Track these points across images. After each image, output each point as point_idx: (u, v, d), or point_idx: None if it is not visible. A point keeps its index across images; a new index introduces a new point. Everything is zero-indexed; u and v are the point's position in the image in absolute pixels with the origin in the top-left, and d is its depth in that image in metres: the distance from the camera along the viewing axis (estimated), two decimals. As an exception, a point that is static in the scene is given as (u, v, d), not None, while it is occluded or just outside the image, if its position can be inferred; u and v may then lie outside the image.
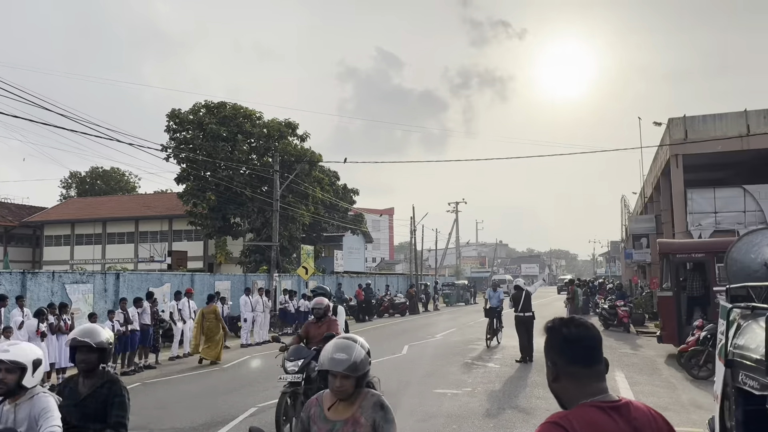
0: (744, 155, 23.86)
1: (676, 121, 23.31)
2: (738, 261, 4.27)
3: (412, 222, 48.93)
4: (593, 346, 1.97)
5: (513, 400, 10.00)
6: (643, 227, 31.11)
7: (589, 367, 1.96)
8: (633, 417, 1.93)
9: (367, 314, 29.16)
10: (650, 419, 1.97)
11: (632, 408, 1.95)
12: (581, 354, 1.96)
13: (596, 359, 1.97)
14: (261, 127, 34.12)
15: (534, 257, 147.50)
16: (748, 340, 3.46)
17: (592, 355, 1.96)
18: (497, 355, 15.58)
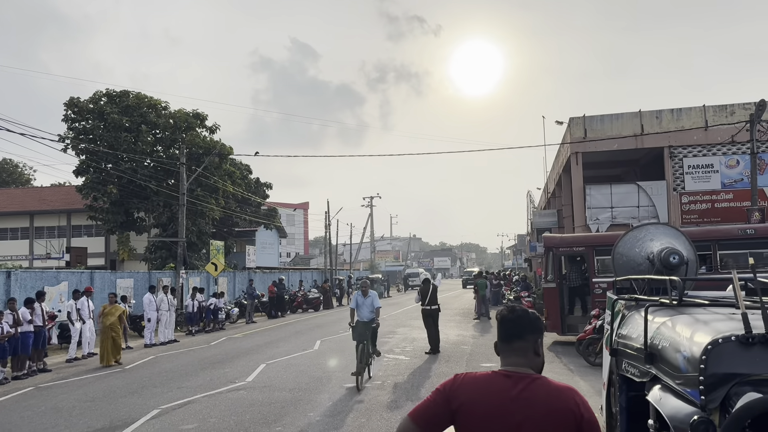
0: (638, 153, 25.49)
1: (577, 121, 24.52)
2: (624, 255, 4.53)
3: (326, 216, 48.73)
4: (513, 327, 2.37)
5: (420, 391, 10.17)
6: (546, 221, 32.57)
7: (508, 343, 2.35)
8: (529, 389, 2.23)
9: (280, 310, 28.78)
10: (555, 396, 2.23)
11: (538, 383, 2.26)
12: (503, 332, 2.37)
13: (514, 337, 2.34)
14: (167, 118, 32.78)
15: (446, 251, 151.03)
16: (631, 330, 3.68)
17: (510, 334, 2.35)
18: (408, 347, 15.81)
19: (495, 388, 2.25)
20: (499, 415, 2.21)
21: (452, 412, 2.26)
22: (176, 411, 9.06)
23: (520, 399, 2.21)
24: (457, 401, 2.26)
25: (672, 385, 2.88)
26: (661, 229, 4.63)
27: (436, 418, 2.28)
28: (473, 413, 2.24)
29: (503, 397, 2.23)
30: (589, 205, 24.09)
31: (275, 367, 12.84)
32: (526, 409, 2.20)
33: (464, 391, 2.28)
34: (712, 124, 23.17)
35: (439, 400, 2.30)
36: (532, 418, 2.18)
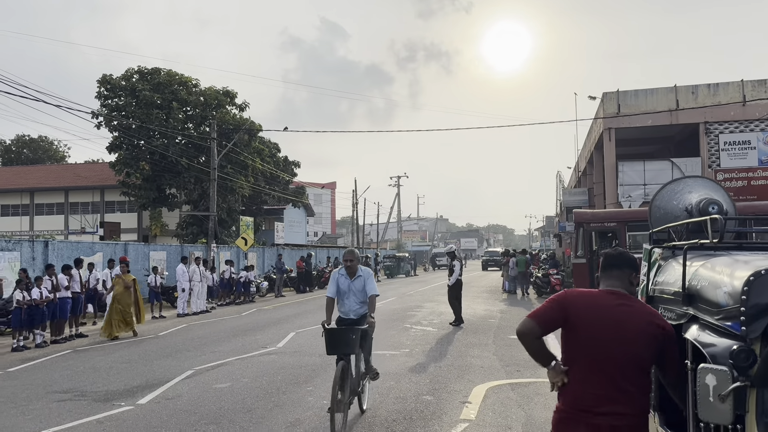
0: (672, 129, 24.94)
1: (610, 96, 24.06)
2: (661, 208, 4.46)
3: (354, 195, 48.89)
4: (615, 259, 3.12)
5: (448, 358, 10.24)
6: (576, 200, 32.16)
7: (610, 271, 3.09)
8: (630, 303, 2.95)
9: (308, 285, 29.09)
10: (647, 311, 2.97)
11: (636, 301, 3.03)
12: (607, 263, 3.12)
13: (615, 267, 3.09)
14: (197, 95, 33.09)
15: (473, 232, 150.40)
16: (668, 276, 3.63)
17: (613, 264, 3.10)
18: (435, 320, 15.88)
19: (601, 300, 2.95)
20: (606, 319, 2.86)
21: (566, 316, 2.91)
22: (210, 372, 9.29)
23: (622, 309, 2.89)
24: (572, 308, 2.92)
25: (711, 321, 2.85)
26: (700, 181, 4.55)
27: (553, 321, 2.95)
28: (584, 317, 2.89)
29: (608, 306, 2.91)
30: (621, 182, 23.71)
31: (304, 335, 13.04)
32: (627, 317, 2.86)
33: (577, 300, 2.96)
34: (750, 99, 22.51)
35: (555, 306, 2.96)
36: (631, 324, 2.84)
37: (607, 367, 2.84)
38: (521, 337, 3.00)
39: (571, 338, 2.95)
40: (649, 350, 2.87)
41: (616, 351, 2.83)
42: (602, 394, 2.82)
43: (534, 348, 3.00)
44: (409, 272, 47.49)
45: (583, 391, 2.86)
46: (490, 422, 6.62)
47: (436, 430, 6.33)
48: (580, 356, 2.91)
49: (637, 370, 2.87)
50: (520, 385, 8.25)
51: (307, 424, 6.50)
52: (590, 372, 2.86)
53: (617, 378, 2.83)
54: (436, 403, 7.38)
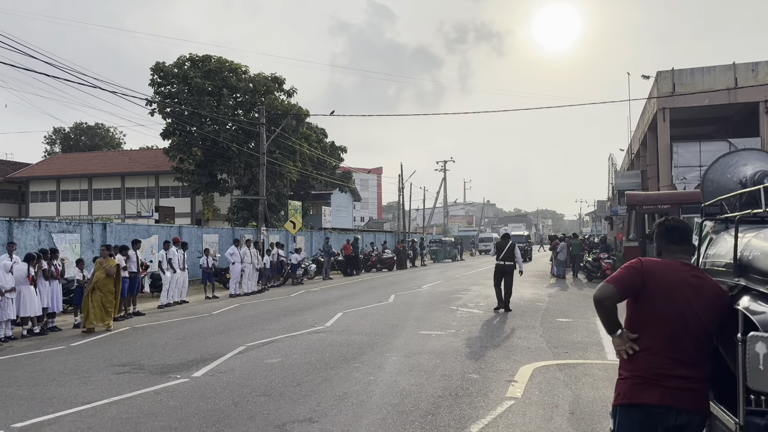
0: (730, 109, 23.99)
1: (665, 74, 23.28)
2: (714, 182, 4.36)
3: (400, 179, 48.93)
4: (686, 233, 3.16)
5: (495, 339, 10.23)
6: (629, 182, 31.35)
7: (680, 245, 3.14)
8: (701, 275, 3.06)
9: (355, 268, 29.40)
10: (715, 284, 3.06)
11: (704, 271, 3.16)
12: (678, 237, 3.13)
13: (684, 241, 3.15)
14: (247, 82, 33.65)
15: (521, 217, 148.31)
16: (719, 248, 3.57)
17: (683, 238, 3.14)
18: (482, 302, 15.85)
19: (677, 269, 3.03)
20: (682, 288, 2.95)
21: (644, 283, 2.98)
22: (261, 348, 9.57)
23: (696, 278, 3.01)
24: (649, 275, 2.99)
25: (762, 290, 2.80)
26: (755, 154, 4.41)
27: (632, 286, 2.99)
28: (662, 284, 2.97)
29: (684, 274, 3.01)
30: (675, 164, 22.99)
31: (352, 315, 13.24)
32: (700, 287, 2.97)
33: (654, 268, 3.03)
34: (817, 75, 21.41)
35: (634, 272, 3.02)
36: (705, 294, 2.96)
37: (681, 333, 2.94)
38: (600, 301, 3.02)
39: (645, 305, 3.01)
40: (718, 320, 2.99)
41: (690, 319, 2.94)
42: (677, 359, 2.93)
43: (609, 313, 3.04)
44: (455, 257, 47.37)
45: (656, 356, 2.95)
46: (536, 400, 6.62)
47: (482, 406, 6.37)
48: (653, 323, 2.98)
49: (706, 338, 3.01)
50: (568, 366, 8.19)
51: (354, 398, 6.64)
52: (664, 338, 2.95)
53: (690, 345, 2.94)
54: (481, 382, 7.41)
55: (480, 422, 5.83)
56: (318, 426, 5.71)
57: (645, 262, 3.06)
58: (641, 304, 3.01)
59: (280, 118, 31.36)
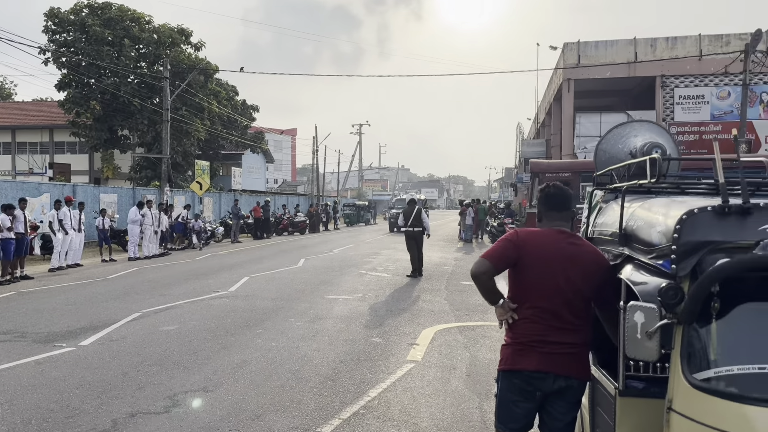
0: (630, 82, 25.14)
1: (571, 46, 23.99)
2: (606, 152, 4.45)
3: (314, 142, 48.25)
4: (563, 199, 3.20)
5: (400, 303, 10.33)
6: (534, 151, 32.43)
7: (558, 212, 3.19)
8: (577, 242, 3.11)
9: (265, 231, 28.86)
10: (592, 250, 3.13)
11: (581, 239, 3.21)
12: (555, 203, 3.18)
13: (563, 207, 3.19)
14: (150, 33, 31.66)
15: (434, 182, 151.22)
16: (607, 218, 3.64)
17: (560, 204, 3.19)
18: (391, 266, 15.98)
19: (553, 238, 3.08)
20: (556, 256, 3.01)
21: (519, 255, 3.03)
22: (157, 314, 9.15)
23: (572, 245, 3.06)
24: (525, 246, 3.04)
25: (644, 260, 2.86)
26: (646, 125, 4.54)
27: (507, 259, 3.05)
28: (536, 255, 3.02)
29: (560, 243, 3.05)
30: (577, 134, 23.94)
31: (258, 280, 12.96)
32: (575, 254, 3.03)
33: (528, 239, 3.08)
34: (707, 53, 22.76)
35: (509, 245, 3.06)
36: (579, 260, 3.02)
37: (558, 301, 3.00)
38: (476, 276, 3.08)
39: (523, 275, 3.08)
40: (594, 285, 3.05)
41: (566, 287, 3.00)
42: (552, 326, 3.00)
43: (487, 287, 3.10)
44: (369, 221, 47.61)
45: (534, 324, 3.03)
46: (435, 363, 6.73)
47: (383, 370, 6.39)
48: (531, 292, 3.05)
49: (585, 305, 3.08)
50: (468, 328, 8.40)
51: (253, 365, 6.48)
52: (540, 306, 3.02)
53: (567, 312, 3.01)
54: (384, 345, 7.45)
55: (379, 386, 5.85)
56: (212, 395, 5.52)
57: (521, 234, 3.14)
58: (519, 275, 3.08)
59: (187, 72, 29.83)
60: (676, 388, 2.41)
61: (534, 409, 3.14)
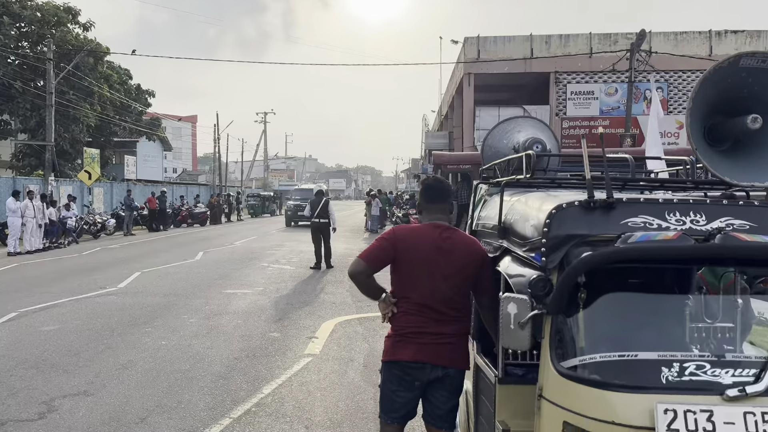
0: (527, 78, 26.14)
1: (471, 41, 24.61)
2: (492, 146, 4.58)
3: (215, 129, 46.78)
4: (439, 192, 3.30)
5: (302, 296, 10.23)
6: (438, 143, 33.06)
7: (434, 204, 3.27)
8: (453, 235, 3.16)
9: (162, 223, 27.63)
10: (467, 241, 3.22)
11: (456, 231, 3.24)
12: (432, 196, 3.28)
13: (439, 199, 3.27)
14: (33, 10, 29.32)
15: (342, 172, 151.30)
16: (490, 211, 3.73)
17: (437, 197, 3.28)
18: (294, 258, 15.80)
19: (428, 234, 3.15)
20: (432, 251, 3.08)
21: (395, 253, 3.10)
22: (37, 314, 8.53)
23: (447, 240, 3.12)
24: (400, 244, 3.12)
25: (519, 253, 2.95)
26: (529, 121, 4.71)
27: (383, 258, 3.12)
28: (412, 251, 3.10)
29: (435, 238, 3.12)
30: (477, 127, 24.63)
31: (151, 275, 12.38)
32: (451, 247, 3.10)
33: (404, 236, 3.17)
34: (597, 51, 24.06)
35: (386, 244, 3.14)
36: (455, 254, 3.10)
37: (434, 294, 3.10)
38: (353, 276, 3.16)
39: (401, 272, 3.16)
40: (470, 277, 3.16)
41: (441, 280, 3.09)
42: (430, 318, 3.10)
43: (365, 286, 3.19)
44: (274, 211, 46.82)
45: (412, 316, 3.12)
46: (333, 356, 6.71)
47: (279, 366, 6.29)
48: (409, 287, 3.14)
49: (461, 296, 3.18)
50: (368, 320, 8.43)
51: (140, 365, 6.17)
52: (419, 299, 3.11)
53: (443, 305, 3.11)
54: (282, 340, 7.34)
55: (274, 382, 5.74)
56: (93, 399, 5.21)
57: (397, 232, 3.23)
58: (398, 271, 3.17)
59: (74, 54, 27.91)
60: (546, 376, 2.50)
61: (415, 398, 3.22)
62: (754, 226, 2.46)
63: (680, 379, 2.27)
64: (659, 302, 2.69)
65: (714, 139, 2.93)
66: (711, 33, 24.18)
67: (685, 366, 2.29)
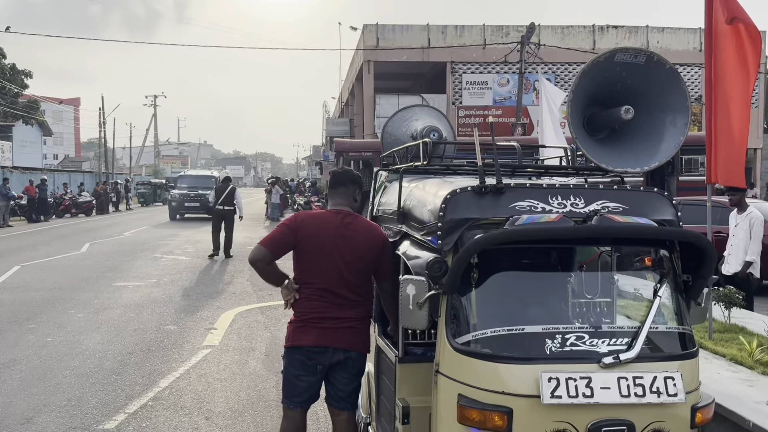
0: (424, 67, 26.70)
1: (370, 28, 24.76)
2: (391, 134, 4.68)
3: (101, 113, 44.15)
4: (340, 177, 3.36)
5: (199, 287, 9.96)
6: (339, 130, 33.11)
7: (336, 189, 3.32)
8: (353, 221, 3.23)
9: (43, 214, 25.75)
10: (368, 227, 3.31)
11: (358, 218, 3.29)
12: (333, 182, 3.34)
13: (340, 185, 3.32)
14: None
15: (240, 159, 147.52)
16: (389, 197, 3.83)
17: (338, 182, 3.33)
18: (190, 248, 15.30)
19: (329, 221, 3.22)
20: (333, 237, 3.14)
21: (296, 239, 3.15)
22: None
23: (347, 227, 3.18)
24: (302, 231, 3.16)
25: (417, 237, 3.06)
26: (426, 110, 4.86)
27: (284, 245, 3.16)
28: (313, 237, 3.15)
29: (337, 224, 3.18)
30: (377, 114, 24.88)
31: (32, 269, 11.54)
32: (352, 233, 3.16)
33: (306, 222, 3.22)
34: (490, 42, 24.95)
35: (286, 231, 3.17)
36: (356, 239, 3.16)
37: (336, 280, 3.15)
38: (253, 263, 3.14)
39: (302, 257, 3.20)
40: (370, 262, 3.22)
41: (343, 266, 3.15)
42: (332, 303, 3.16)
43: (266, 273, 3.19)
44: (166, 200, 44.89)
45: (314, 302, 3.17)
46: (234, 346, 6.61)
47: (176, 359, 6.11)
48: (311, 272, 3.18)
49: (362, 280, 3.24)
50: (270, 308, 8.37)
51: (24, 364, 5.80)
52: (321, 285, 3.16)
53: (345, 289, 3.17)
54: (179, 332, 7.13)
55: (171, 375, 5.59)
56: (-31, 404, 4.83)
57: (299, 218, 3.27)
58: (299, 257, 3.22)
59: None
60: (442, 352, 2.63)
61: (317, 382, 3.28)
62: (626, 208, 2.69)
63: (562, 349, 2.47)
64: (544, 280, 2.91)
65: (592, 129, 3.17)
66: (594, 27, 25.78)
67: (566, 337, 2.50)
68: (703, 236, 2.67)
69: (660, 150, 3.01)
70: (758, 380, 3.75)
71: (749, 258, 6.29)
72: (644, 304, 2.68)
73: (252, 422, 4.62)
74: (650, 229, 2.62)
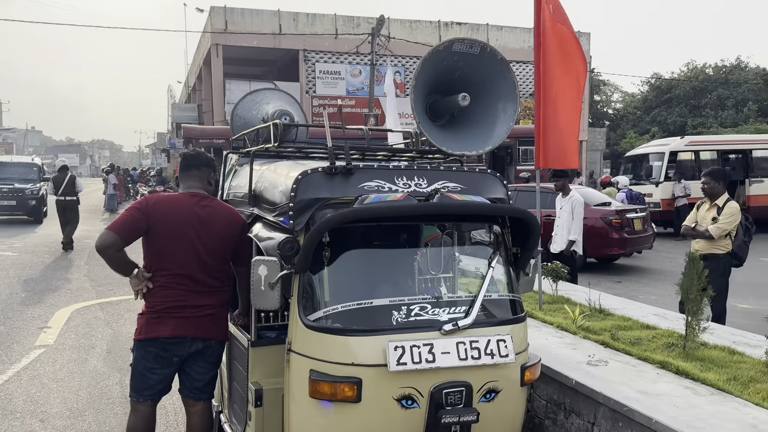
0: (276, 53, 26.28)
1: (218, 10, 23.86)
2: (242, 117, 4.61)
3: None
4: (193, 160, 3.23)
5: (30, 284, 9.11)
6: (186, 116, 31.58)
7: (189, 172, 3.20)
8: (211, 203, 3.13)
9: None
10: (227, 209, 3.23)
11: (215, 200, 3.23)
12: (185, 164, 3.22)
13: (193, 168, 3.20)
14: None
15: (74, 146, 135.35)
16: (240, 180, 3.79)
17: (191, 165, 3.21)
18: (18, 243, 13.88)
19: (184, 203, 3.07)
20: (188, 220, 3.00)
21: (148, 223, 2.95)
22: None
23: (205, 209, 3.07)
24: (155, 215, 2.97)
25: (269, 219, 3.07)
26: (276, 94, 4.84)
27: (135, 230, 2.95)
28: (167, 221, 2.98)
29: (192, 207, 3.04)
30: (228, 100, 24.08)
31: None
32: (208, 216, 3.05)
33: (158, 206, 3.02)
34: (342, 32, 25.14)
35: (137, 214, 2.96)
36: (213, 222, 3.05)
37: (193, 265, 3.01)
38: (101, 251, 2.90)
39: (155, 242, 3.00)
40: (229, 245, 3.13)
41: (201, 250, 3.02)
42: (189, 290, 3.01)
43: (116, 261, 2.95)
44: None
45: (170, 290, 2.99)
46: (71, 344, 6.15)
47: (3, 360, 5.58)
48: (165, 258, 3.00)
49: (220, 265, 3.12)
50: (110, 304, 7.88)
51: None
52: (177, 272, 3.00)
53: (202, 274, 3.03)
54: (6, 333, 6.49)
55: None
56: None
57: (150, 201, 3.07)
58: (152, 243, 3.02)
59: None
60: (294, 330, 2.68)
61: (171, 374, 3.15)
62: (464, 188, 2.92)
63: (407, 319, 2.63)
64: (391, 255, 3.06)
65: (434, 115, 3.37)
66: (440, 23, 26.93)
67: (411, 308, 2.66)
68: (529, 212, 2.96)
69: (493, 135, 3.27)
70: (580, 344, 4.21)
71: (572, 237, 7.02)
72: (480, 276, 2.92)
73: (94, 421, 4.35)
74: (484, 206, 2.87)
